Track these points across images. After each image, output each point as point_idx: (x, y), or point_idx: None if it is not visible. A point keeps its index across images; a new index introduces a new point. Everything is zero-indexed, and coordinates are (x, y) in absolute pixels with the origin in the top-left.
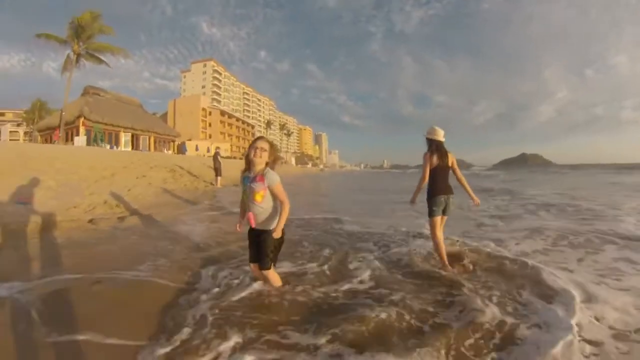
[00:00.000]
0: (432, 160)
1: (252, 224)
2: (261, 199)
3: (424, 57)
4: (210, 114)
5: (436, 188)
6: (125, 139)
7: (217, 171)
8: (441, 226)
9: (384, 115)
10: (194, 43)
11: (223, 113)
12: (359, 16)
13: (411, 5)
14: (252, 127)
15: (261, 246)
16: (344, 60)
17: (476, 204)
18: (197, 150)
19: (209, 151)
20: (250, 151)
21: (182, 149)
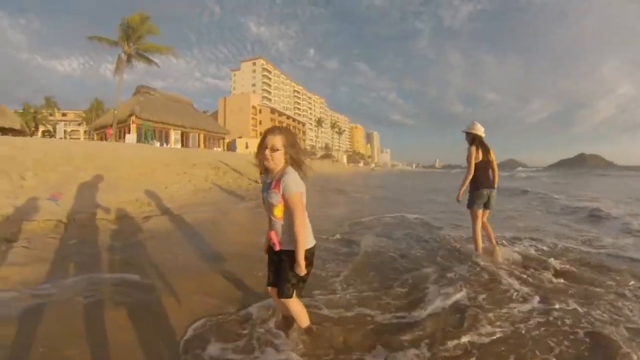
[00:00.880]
0: (477, 154)
1: (275, 247)
2: (281, 213)
3: (473, 54)
4: (261, 111)
5: (479, 182)
6: (175, 136)
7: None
8: (484, 218)
9: (434, 113)
10: (243, 42)
11: (273, 111)
12: (406, 13)
13: (459, 0)
14: (303, 124)
15: (280, 268)
16: (392, 58)
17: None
18: (247, 147)
19: None
20: (259, 154)
21: (232, 146)
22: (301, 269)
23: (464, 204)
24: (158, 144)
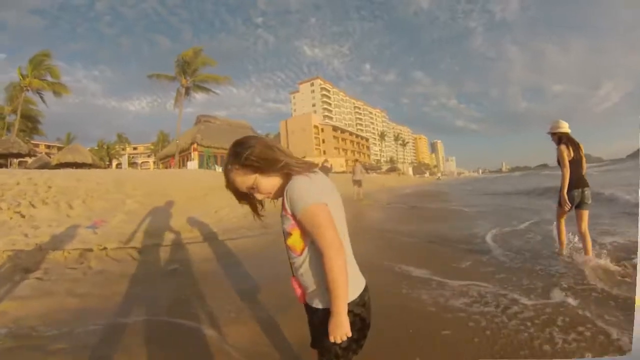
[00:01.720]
0: (568, 152)
1: (299, 298)
2: (300, 245)
3: (531, 44)
4: (323, 130)
5: (570, 182)
6: None
7: None
8: (583, 223)
9: (497, 114)
10: (299, 66)
11: (335, 128)
12: (455, 13)
13: None
14: (367, 140)
15: (316, 329)
16: (449, 62)
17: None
18: None
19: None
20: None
21: None
22: (343, 331)
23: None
24: (220, 169)
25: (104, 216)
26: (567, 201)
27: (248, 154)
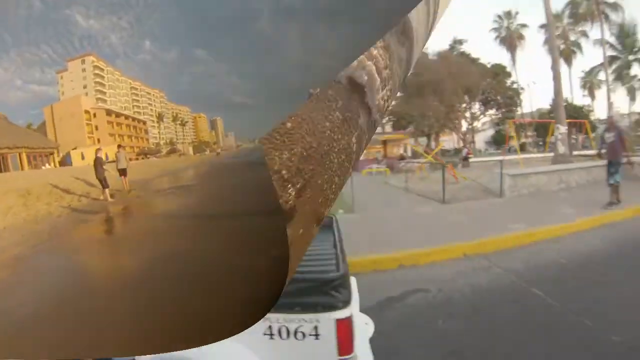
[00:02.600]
0: None
1: None
2: None
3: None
4: (95, 115)
5: None
6: None
7: (102, 182)
8: None
9: (272, 90)
10: (71, 40)
11: (109, 112)
12: None
13: None
14: (144, 122)
15: None
16: (234, 41)
17: None
18: (83, 159)
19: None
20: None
21: (67, 160)
22: None
23: None
24: None
25: None
26: None
27: None
